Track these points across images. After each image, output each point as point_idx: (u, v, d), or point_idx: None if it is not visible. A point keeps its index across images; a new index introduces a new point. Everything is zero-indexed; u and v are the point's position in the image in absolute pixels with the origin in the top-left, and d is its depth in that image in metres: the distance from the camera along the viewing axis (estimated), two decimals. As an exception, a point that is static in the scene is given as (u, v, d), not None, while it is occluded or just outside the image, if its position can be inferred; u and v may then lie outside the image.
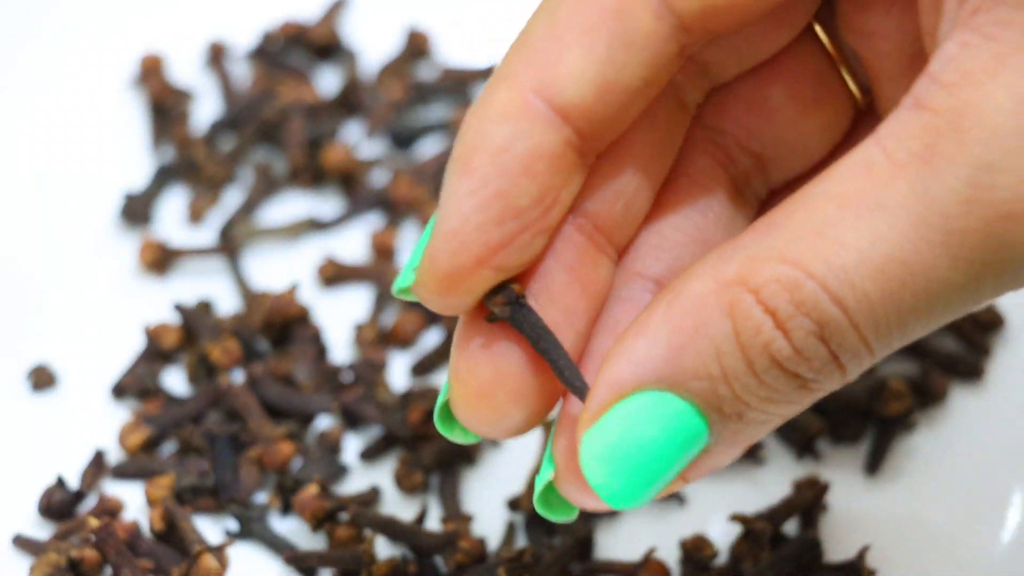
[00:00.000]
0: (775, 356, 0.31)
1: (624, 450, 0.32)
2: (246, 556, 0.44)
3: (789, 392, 0.32)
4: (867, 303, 0.31)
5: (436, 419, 0.35)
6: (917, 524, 0.44)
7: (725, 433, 0.32)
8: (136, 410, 0.47)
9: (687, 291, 0.32)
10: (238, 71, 0.55)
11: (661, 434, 0.32)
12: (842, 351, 0.32)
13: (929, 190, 0.30)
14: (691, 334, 0.32)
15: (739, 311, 0.31)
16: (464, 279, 0.33)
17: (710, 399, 0.32)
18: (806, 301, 0.31)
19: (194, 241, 0.51)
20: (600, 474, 0.33)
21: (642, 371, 0.32)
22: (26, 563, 0.44)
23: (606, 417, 0.32)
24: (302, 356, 0.47)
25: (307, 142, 0.52)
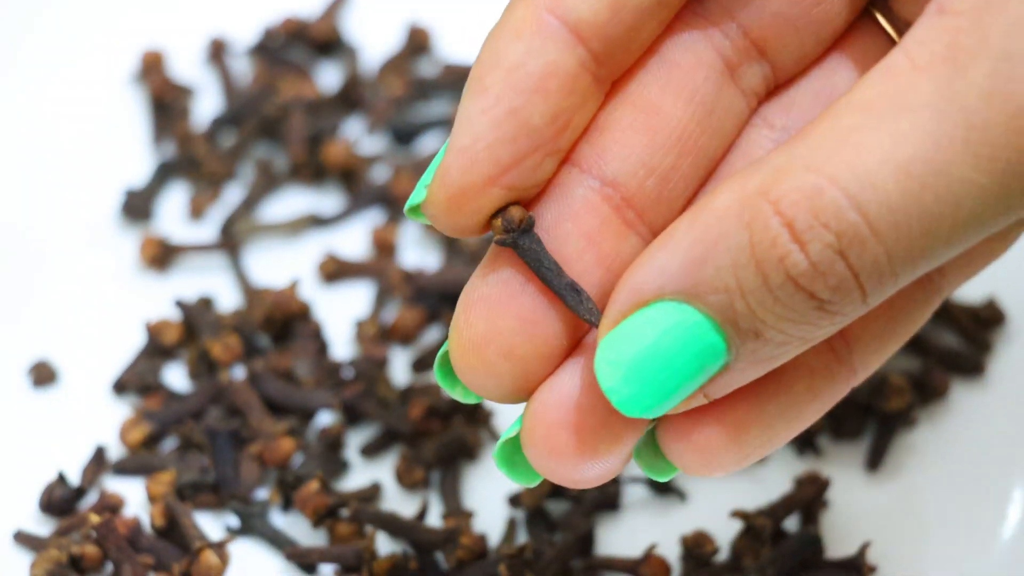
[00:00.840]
0: (790, 271, 0.30)
1: (639, 358, 0.32)
2: (247, 552, 0.44)
3: (806, 312, 0.31)
4: (888, 207, 0.30)
5: (436, 370, 0.35)
6: (918, 520, 0.44)
7: (744, 351, 0.32)
8: (137, 406, 0.47)
9: (712, 203, 0.31)
10: (239, 67, 0.55)
11: (678, 346, 0.32)
12: (861, 266, 0.30)
13: (952, 86, 0.30)
14: (711, 246, 0.31)
15: (757, 223, 0.30)
16: (475, 196, 0.33)
17: (727, 314, 0.31)
18: (826, 209, 0.30)
19: (195, 237, 0.51)
20: (612, 379, 0.32)
21: (662, 280, 0.31)
22: (27, 559, 0.44)
23: (625, 324, 0.32)
24: (303, 352, 0.47)
25: (308, 138, 0.52)
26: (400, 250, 0.50)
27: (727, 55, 0.35)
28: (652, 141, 0.34)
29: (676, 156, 0.34)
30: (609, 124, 0.34)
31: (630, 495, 0.45)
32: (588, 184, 0.34)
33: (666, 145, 0.34)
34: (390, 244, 0.50)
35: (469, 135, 0.32)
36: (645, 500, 0.45)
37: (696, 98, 0.34)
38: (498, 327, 0.33)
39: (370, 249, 0.50)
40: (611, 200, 0.34)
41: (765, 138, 0.35)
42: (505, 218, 0.33)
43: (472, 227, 0.33)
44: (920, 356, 0.47)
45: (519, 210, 0.33)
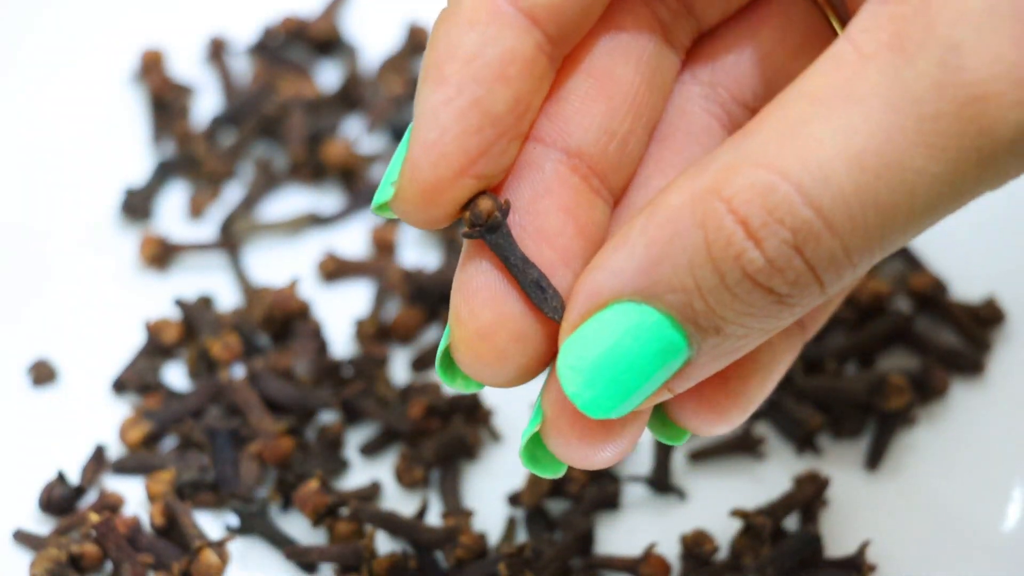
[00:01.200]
0: (746, 269, 0.31)
1: (600, 360, 0.32)
2: (247, 551, 0.44)
3: (765, 307, 0.31)
4: (842, 200, 0.30)
5: (438, 367, 0.35)
6: (917, 519, 0.44)
7: (705, 347, 0.32)
8: (136, 405, 0.47)
9: (665, 202, 0.31)
10: (238, 66, 0.55)
11: (638, 346, 0.32)
12: (818, 260, 0.31)
13: (899, 76, 0.30)
14: (666, 246, 0.31)
15: (711, 221, 0.31)
16: (445, 190, 0.33)
17: (686, 312, 0.31)
18: (779, 206, 0.30)
19: (195, 236, 0.51)
20: (575, 383, 0.32)
21: (619, 282, 0.31)
22: (27, 558, 0.44)
23: (584, 327, 0.32)
24: (302, 351, 0.47)
25: (307, 137, 0.52)
26: (399, 249, 0.50)
27: (660, 15, 0.35)
28: (609, 107, 0.34)
29: (632, 118, 0.35)
30: (566, 96, 0.34)
31: (630, 494, 0.45)
32: (555, 157, 0.34)
33: (622, 109, 0.34)
34: (389, 243, 0.50)
35: (435, 128, 0.32)
36: (644, 499, 0.45)
37: (643, 59, 0.35)
38: (505, 313, 0.33)
39: (370, 248, 0.50)
40: (579, 170, 0.34)
41: (696, 95, 0.36)
42: (473, 212, 0.33)
43: (443, 219, 0.33)
44: (920, 355, 0.47)
45: (488, 202, 0.33)
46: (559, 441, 0.33)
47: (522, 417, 0.46)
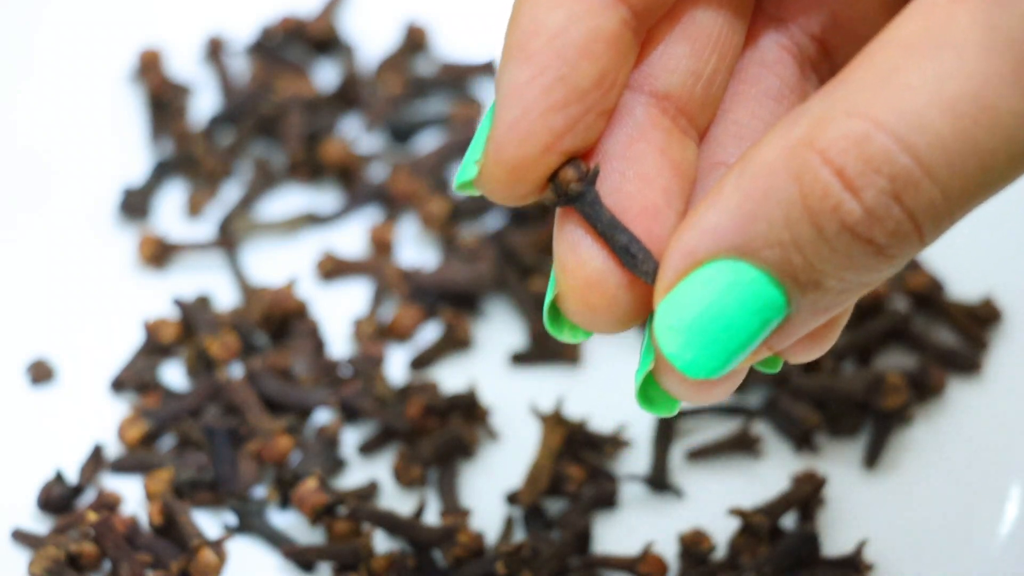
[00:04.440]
0: (845, 220, 0.30)
1: (699, 320, 0.31)
2: (245, 550, 0.44)
3: (864, 259, 0.31)
4: (940, 146, 0.29)
5: (546, 320, 0.34)
6: (915, 517, 0.44)
7: (804, 302, 0.31)
8: (135, 404, 0.47)
9: (757, 158, 0.31)
10: (237, 65, 0.55)
11: (736, 304, 0.31)
12: (918, 208, 0.30)
13: (993, 20, 0.29)
14: (760, 202, 0.30)
15: (806, 174, 0.30)
16: (531, 167, 0.32)
17: (784, 268, 0.31)
18: (876, 155, 0.30)
19: (193, 235, 0.51)
20: (674, 344, 0.32)
21: (714, 239, 0.31)
22: (25, 557, 0.44)
23: (680, 287, 0.31)
24: (301, 350, 0.47)
25: (306, 136, 0.52)
26: (397, 248, 0.51)
27: None
28: (693, 49, 0.34)
29: (717, 59, 0.34)
30: (651, 42, 0.34)
31: (627, 493, 0.45)
32: (644, 101, 0.34)
33: (706, 50, 0.34)
34: (387, 242, 0.50)
35: (519, 106, 0.32)
36: (642, 498, 0.45)
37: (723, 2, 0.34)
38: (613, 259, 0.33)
39: (368, 247, 0.51)
40: (668, 112, 0.34)
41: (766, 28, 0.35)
42: (556, 184, 0.33)
43: (529, 195, 0.33)
44: (917, 354, 0.47)
45: (571, 172, 0.33)
46: (673, 379, 0.33)
47: (521, 417, 0.46)
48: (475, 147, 0.33)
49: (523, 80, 0.32)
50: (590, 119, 0.33)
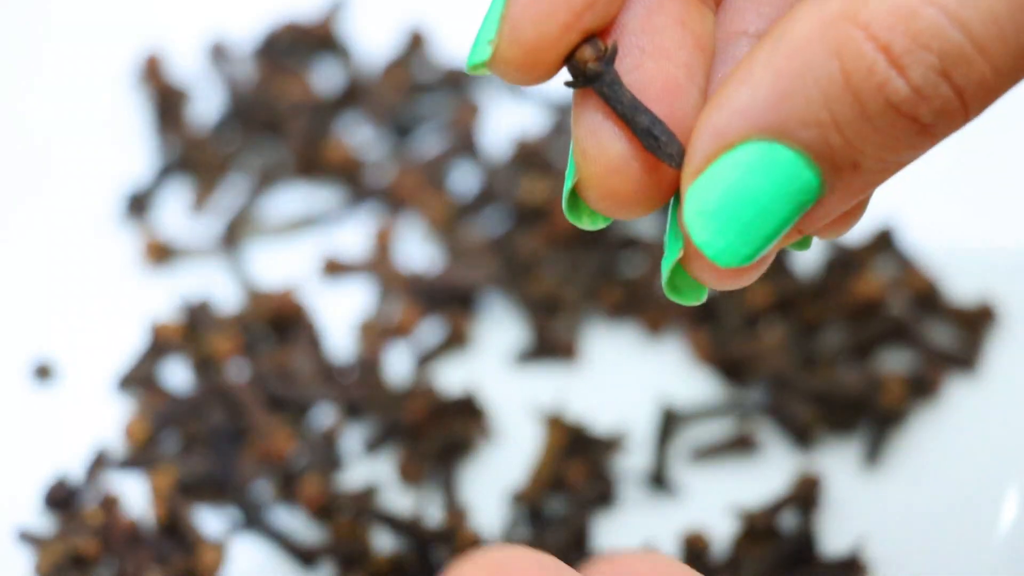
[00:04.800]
0: (890, 98, 0.29)
1: (731, 205, 0.30)
2: (247, 547, 0.44)
3: (907, 138, 0.29)
4: (993, 19, 0.28)
5: (565, 207, 0.32)
6: (913, 516, 0.44)
7: (840, 183, 0.30)
8: (139, 403, 0.47)
9: (791, 32, 0.29)
10: (241, 66, 0.55)
11: (770, 187, 0.30)
12: (967, 84, 0.29)
13: None
14: (796, 79, 0.29)
15: (848, 50, 0.29)
16: (550, 48, 0.31)
17: (821, 148, 0.29)
18: (925, 30, 0.28)
19: (196, 236, 0.51)
20: (705, 231, 0.30)
21: (746, 120, 0.30)
22: (30, 555, 0.44)
23: (710, 171, 0.30)
24: (303, 349, 0.48)
25: (309, 137, 0.53)
26: (399, 248, 0.51)
27: None
28: None
29: None
30: None
31: (626, 492, 0.45)
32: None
33: None
34: (389, 242, 0.50)
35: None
36: (640, 496, 0.45)
37: None
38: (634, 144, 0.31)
39: (370, 247, 0.51)
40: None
41: None
42: (573, 64, 0.31)
43: (545, 76, 0.31)
44: (915, 354, 0.47)
45: (588, 51, 0.31)
46: (703, 266, 0.31)
47: (521, 417, 0.46)
48: (488, 26, 0.31)
49: None
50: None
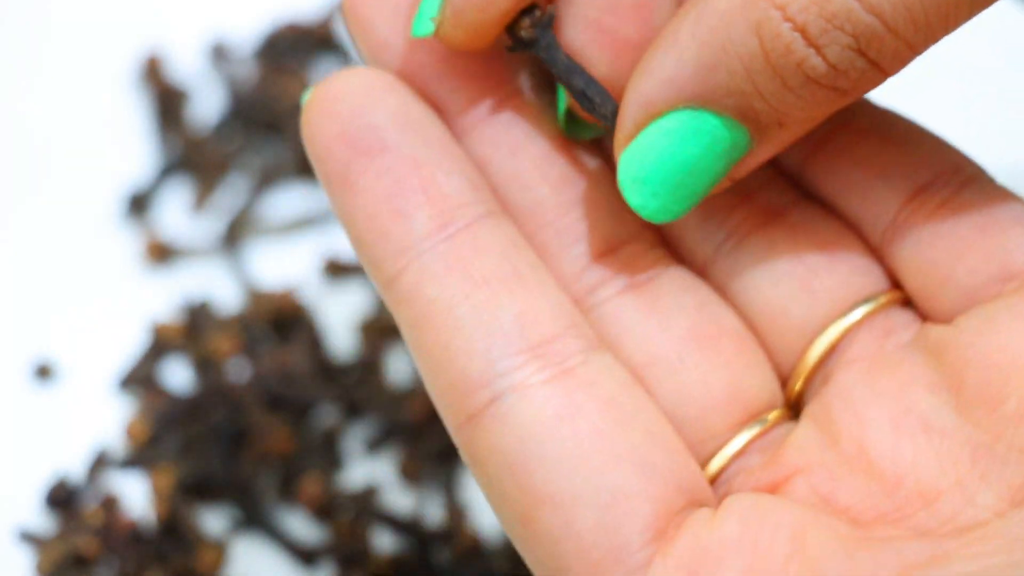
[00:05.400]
0: (809, 74, 0.30)
1: (662, 170, 0.31)
2: (247, 547, 0.44)
3: (829, 100, 0.31)
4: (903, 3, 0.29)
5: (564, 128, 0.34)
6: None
7: (766, 139, 0.31)
8: (139, 403, 0.47)
9: (713, 5, 0.30)
10: (241, 66, 0.55)
11: (699, 150, 0.31)
12: (882, 57, 0.30)
13: None
14: (720, 51, 0.30)
15: (766, 29, 0.30)
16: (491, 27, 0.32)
17: (747, 113, 0.31)
18: (839, 13, 0.29)
19: (196, 236, 0.51)
20: (639, 196, 0.31)
21: (673, 89, 0.31)
22: (31, 555, 0.44)
23: (642, 137, 0.31)
24: (303, 349, 0.48)
25: (309, 137, 0.53)
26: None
27: None
28: None
29: None
30: None
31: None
32: None
33: None
34: (390, 242, 0.50)
35: None
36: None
37: None
38: None
39: (370, 247, 0.51)
40: None
41: None
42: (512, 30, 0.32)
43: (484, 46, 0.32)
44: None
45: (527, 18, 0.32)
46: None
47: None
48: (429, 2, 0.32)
49: None
50: None
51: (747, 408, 0.32)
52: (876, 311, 0.32)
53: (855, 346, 0.32)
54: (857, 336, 0.32)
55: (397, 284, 0.32)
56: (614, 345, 0.32)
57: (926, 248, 0.32)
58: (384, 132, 0.32)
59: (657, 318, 0.33)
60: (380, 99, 0.32)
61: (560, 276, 0.33)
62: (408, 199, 0.32)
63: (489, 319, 0.31)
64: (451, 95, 0.33)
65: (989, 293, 0.31)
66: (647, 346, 0.32)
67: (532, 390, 0.31)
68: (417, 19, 0.32)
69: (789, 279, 0.33)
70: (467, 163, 0.33)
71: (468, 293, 0.31)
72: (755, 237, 0.33)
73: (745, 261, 0.33)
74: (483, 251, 0.32)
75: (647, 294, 0.33)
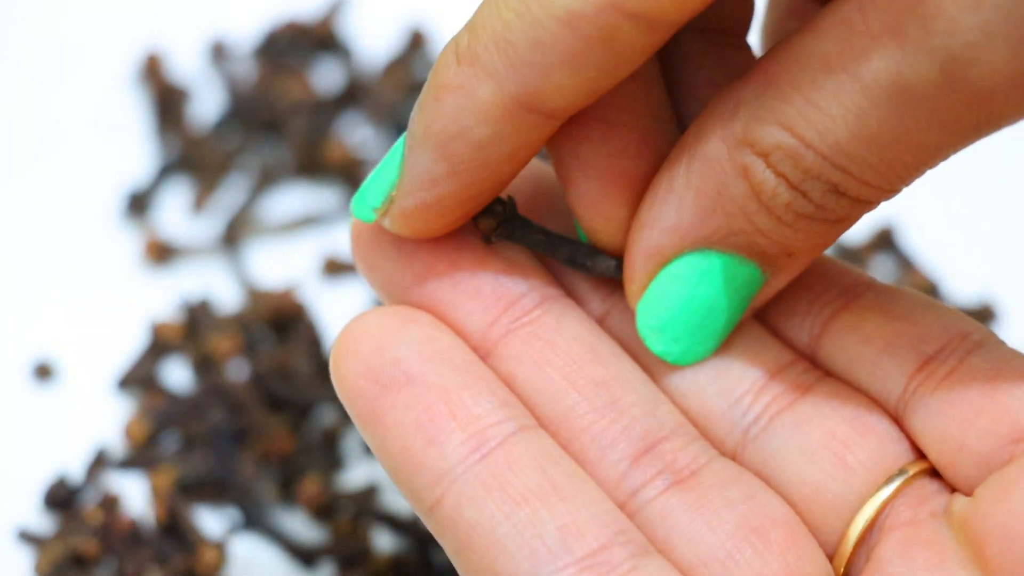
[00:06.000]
0: (799, 212, 0.31)
1: (680, 314, 0.32)
2: (247, 547, 0.44)
3: (827, 230, 0.32)
4: (867, 165, 0.30)
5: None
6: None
7: (778, 271, 0.32)
8: (139, 403, 0.47)
9: (702, 153, 0.31)
10: (241, 66, 0.56)
11: (713, 290, 0.32)
12: (864, 196, 0.31)
13: (903, 73, 0.29)
14: (714, 197, 0.31)
15: (753, 175, 0.31)
16: (440, 230, 0.33)
17: (752, 248, 0.32)
18: (811, 168, 0.30)
19: (196, 235, 0.51)
20: (661, 343, 0.33)
21: (677, 236, 0.32)
22: (30, 555, 0.44)
23: (655, 286, 0.32)
24: (303, 349, 0.48)
25: (309, 137, 0.53)
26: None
27: None
28: None
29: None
30: None
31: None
32: None
33: None
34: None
35: (432, 194, 0.32)
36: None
37: None
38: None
39: (370, 247, 0.51)
40: None
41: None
42: (482, 232, 0.33)
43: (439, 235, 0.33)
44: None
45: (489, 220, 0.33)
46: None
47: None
48: (376, 189, 0.33)
49: (441, 174, 0.32)
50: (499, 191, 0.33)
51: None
52: (909, 481, 0.32)
53: (891, 519, 0.32)
54: (892, 508, 0.32)
55: (438, 512, 0.32)
56: (663, 547, 0.32)
57: (938, 418, 0.32)
58: (407, 364, 0.32)
59: (704, 515, 0.32)
60: (402, 333, 0.33)
61: (602, 482, 0.33)
62: (438, 426, 0.32)
63: (531, 537, 0.31)
64: (468, 318, 0.33)
65: (1003, 457, 0.31)
66: (697, 546, 0.32)
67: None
68: (357, 201, 0.33)
69: (824, 455, 0.33)
70: (495, 382, 0.33)
71: (508, 513, 0.31)
72: (785, 416, 0.33)
73: (777, 442, 0.33)
74: (519, 468, 0.32)
75: (692, 491, 0.33)
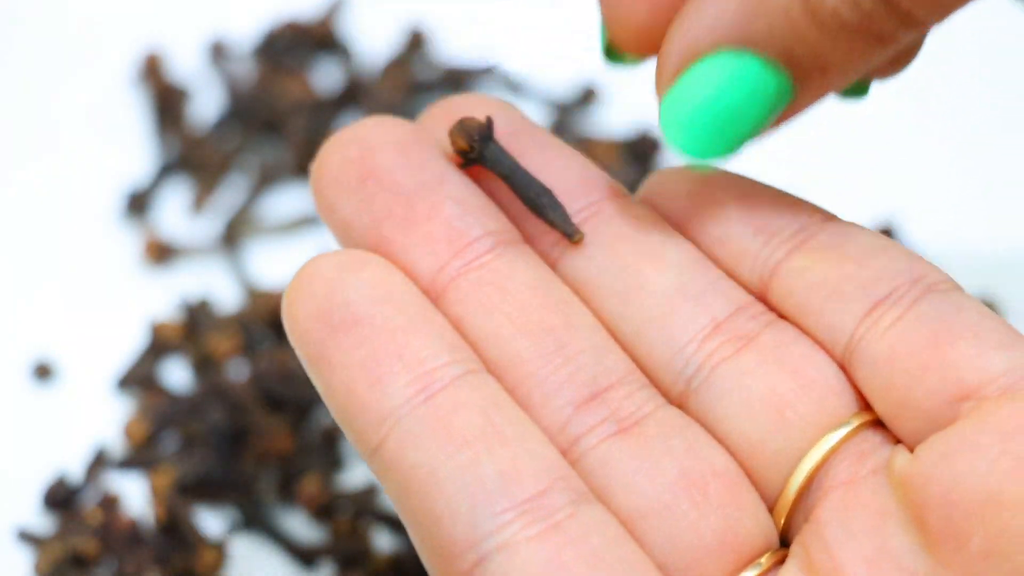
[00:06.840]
0: (845, 22, 0.31)
1: (705, 112, 0.32)
2: (247, 547, 0.44)
3: (868, 48, 0.31)
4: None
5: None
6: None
7: (808, 86, 0.32)
8: (139, 402, 0.47)
9: None
10: (241, 66, 0.56)
11: (742, 94, 0.32)
12: (914, 10, 0.31)
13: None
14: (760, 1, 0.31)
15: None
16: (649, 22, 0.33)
17: (789, 56, 0.31)
18: None
19: (196, 235, 0.51)
20: (681, 138, 0.32)
21: (716, 31, 0.31)
22: (30, 555, 0.44)
23: (683, 80, 0.32)
24: (303, 349, 0.48)
25: (309, 137, 0.53)
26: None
27: None
28: None
29: None
30: None
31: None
32: None
33: None
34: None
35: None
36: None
37: None
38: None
39: (370, 247, 0.51)
40: None
41: None
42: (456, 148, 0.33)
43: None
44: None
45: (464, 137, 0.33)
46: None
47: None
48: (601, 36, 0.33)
49: None
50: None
51: (740, 553, 0.32)
52: (850, 436, 0.32)
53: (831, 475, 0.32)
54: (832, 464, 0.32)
55: (380, 453, 0.32)
56: (603, 495, 0.32)
57: (883, 370, 0.31)
58: (357, 306, 0.32)
59: (646, 464, 0.32)
60: (353, 275, 0.33)
61: (546, 427, 0.32)
62: (384, 367, 0.32)
63: (472, 480, 0.31)
64: (420, 261, 0.33)
65: (947, 416, 0.31)
66: (636, 494, 0.32)
67: (518, 548, 0.30)
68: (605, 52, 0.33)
69: (763, 410, 0.32)
70: (444, 326, 0.33)
71: (449, 455, 0.31)
72: (728, 366, 0.33)
73: (718, 393, 0.33)
74: (463, 411, 0.31)
75: (635, 439, 0.32)
